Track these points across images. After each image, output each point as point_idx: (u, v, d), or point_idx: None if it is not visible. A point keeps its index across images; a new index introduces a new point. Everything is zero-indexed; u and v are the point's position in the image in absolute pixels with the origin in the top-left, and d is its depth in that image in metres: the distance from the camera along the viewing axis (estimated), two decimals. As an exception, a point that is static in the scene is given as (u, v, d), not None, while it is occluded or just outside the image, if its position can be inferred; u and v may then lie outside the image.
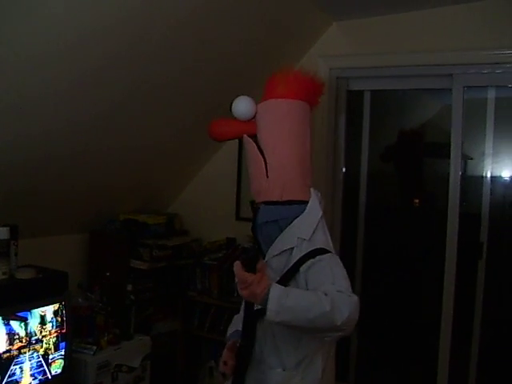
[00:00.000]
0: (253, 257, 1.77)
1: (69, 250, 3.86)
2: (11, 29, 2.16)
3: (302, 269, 1.93)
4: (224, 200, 4.25)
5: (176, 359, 4.07)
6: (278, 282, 1.85)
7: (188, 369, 4.08)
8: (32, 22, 2.19)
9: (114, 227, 3.96)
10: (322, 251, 1.97)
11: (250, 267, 1.74)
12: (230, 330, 2.32)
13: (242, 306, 2.40)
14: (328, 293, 1.75)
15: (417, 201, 4.39)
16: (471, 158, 3.87)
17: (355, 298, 1.78)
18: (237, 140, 4.02)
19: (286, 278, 1.95)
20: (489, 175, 3.64)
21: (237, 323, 2.31)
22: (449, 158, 3.61)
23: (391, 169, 4.37)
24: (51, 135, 2.88)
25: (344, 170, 4.02)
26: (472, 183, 3.78)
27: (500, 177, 3.71)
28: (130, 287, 3.61)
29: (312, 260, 1.93)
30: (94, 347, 3.27)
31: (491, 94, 3.58)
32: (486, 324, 3.59)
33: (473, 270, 3.60)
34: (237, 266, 1.75)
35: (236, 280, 1.76)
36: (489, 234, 3.59)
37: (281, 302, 1.71)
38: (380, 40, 3.60)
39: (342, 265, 1.96)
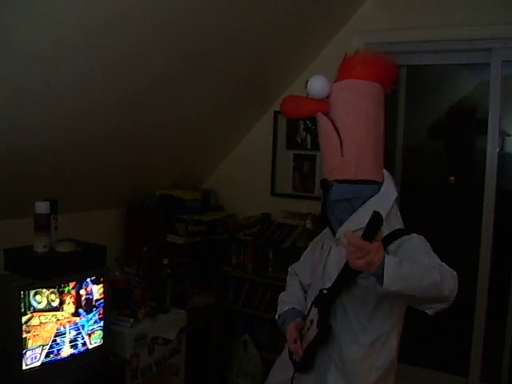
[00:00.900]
0: (376, 225, 1.71)
1: (106, 225, 3.92)
2: (42, 8, 2.17)
3: (389, 248, 1.92)
4: (259, 176, 4.26)
5: (211, 333, 4.12)
6: None
7: (222, 342, 4.14)
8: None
9: (151, 202, 4.00)
10: (405, 232, 2.00)
11: (369, 236, 1.70)
12: (283, 307, 2.31)
13: (291, 283, 2.43)
14: (433, 265, 1.79)
15: (452, 178, 4.36)
16: (509, 135, 3.82)
17: (455, 272, 1.82)
18: (272, 115, 4.11)
19: None
20: (526, 152, 3.60)
21: (289, 301, 2.32)
22: (486, 134, 3.57)
23: (429, 144, 4.33)
24: (90, 114, 2.91)
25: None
26: (509, 160, 3.73)
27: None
28: (166, 261, 3.66)
29: (399, 240, 1.95)
30: (132, 320, 3.34)
31: (531, 70, 3.52)
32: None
33: (509, 247, 3.57)
34: (350, 233, 1.73)
35: (350, 249, 1.71)
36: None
37: (396, 270, 1.72)
38: (416, 14, 3.55)
39: (428, 244, 1.98)
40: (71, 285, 2.91)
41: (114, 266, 3.51)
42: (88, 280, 3.02)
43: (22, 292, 2.66)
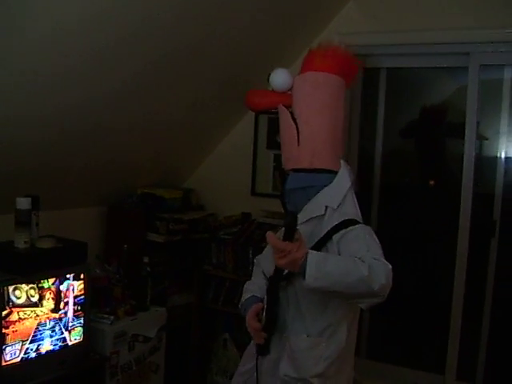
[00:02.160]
0: (291, 225, 1.76)
1: (87, 223, 3.92)
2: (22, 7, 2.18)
3: (334, 238, 1.97)
4: (240, 175, 4.28)
5: (191, 331, 4.13)
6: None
7: (202, 341, 4.15)
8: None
9: (132, 201, 4.01)
10: (354, 222, 2.01)
11: (288, 236, 1.74)
12: (244, 296, 2.34)
13: (255, 273, 2.45)
14: (364, 259, 1.79)
15: (432, 182, 4.40)
16: (487, 139, 3.87)
17: (389, 266, 1.82)
18: (253, 116, 4.13)
19: (318, 246, 1.98)
20: (503, 155, 3.65)
21: (251, 289, 2.34)
22: (463, 138, 3.63)
23: (407, 147, 4.38)
24: (71, 110, 2.91)
25: (358, 147, 4.03)
26: (487, 163, 3.79)
27: (514, 157, 3.72)
28: (146, 259, 3.67)
29: (345, 230, 1.97)
30: (112, 317, 3.34)
31: (507, 74, 3.57)
32: (497, 301, 3.62)
33: (485, 247, 3.63)
34: (270, 236, 1.76)
35: (273, 250, 1.77)
36: (502, 212, 3.61)
37: (319, 267, 1.74)
38: (397, 17, 3.60)
39: (374, 234, 2.00)
40: (51, 281, 2.92)
41: (95, 263, 3.52)
42: (68, 276, 3.02)
43: (2, 288, 2.66)
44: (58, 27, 2.35)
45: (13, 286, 2.72)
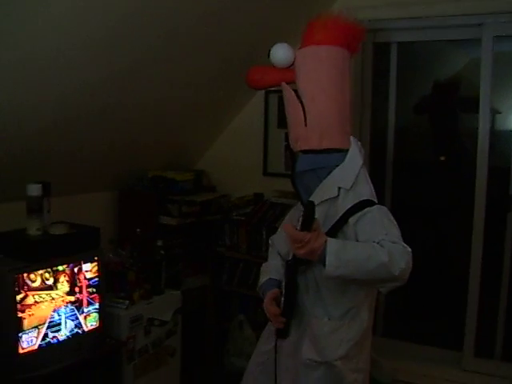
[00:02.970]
0: (309, 215, 1.74)
1: (99, 208, 3.91)
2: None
3: (350, 221, 1.93)
4: (251, 155, 4.24)
5: (206, 314, 4.13)
6: (326, 234, 1.85)
7: (218, 323, 4.15)
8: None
9: (143, 184, 3.99)
10: (369, 203, 1.96)
11: (306, 226, 1.73)
12: (262, 278, 2.30)
13: (271, 253, 2.41)
14: (383, 244, 1.77)
15: (443, 157, 4.36)
16: (500, 112, 3.82)
17: (409, 248, 1.80)
18: (263, 94, 4.08)
19: (334, 230, 1.94)
20: (517, 128, 3.60)
21: (268, 271, 2.30)
22: (477, 112, 3.56)
23: (420, 122, 4.33)
24: (78, 93, 2.88)
25: (371, 124, 3.98)
26: (501, 137, 3.73)
27: (529, 130, 3.66)
28: (160, 243, 3.65)
29: (361, 212, 1.93)
30: (127, 302, 3.34)
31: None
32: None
33: (502, 222, 3.58)
34: (288, 227, 1.76)
35: (290, 240, 1.76)
36: (518, 186, 3.56)
37: (339, 255, 1.73)
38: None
39: (391, 215, 1.96)
40: (65, 265, 2.91)
41: (108, 248, 3.51)
42: (82, 262, 3.00)
43: (15, 276, 2.65)
44: (61, 15, 2.32)
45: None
